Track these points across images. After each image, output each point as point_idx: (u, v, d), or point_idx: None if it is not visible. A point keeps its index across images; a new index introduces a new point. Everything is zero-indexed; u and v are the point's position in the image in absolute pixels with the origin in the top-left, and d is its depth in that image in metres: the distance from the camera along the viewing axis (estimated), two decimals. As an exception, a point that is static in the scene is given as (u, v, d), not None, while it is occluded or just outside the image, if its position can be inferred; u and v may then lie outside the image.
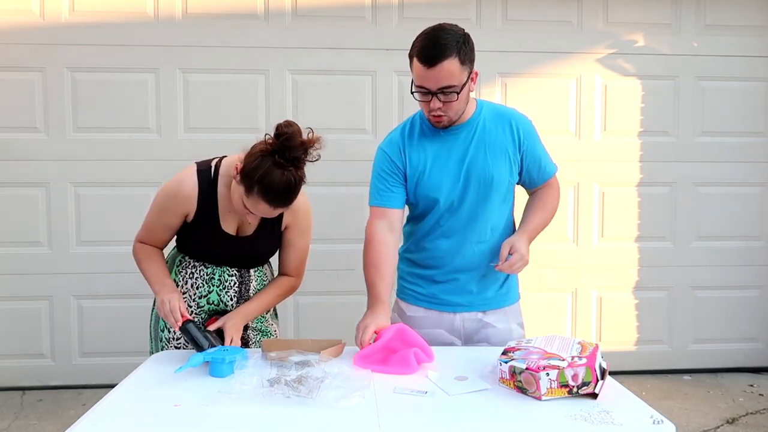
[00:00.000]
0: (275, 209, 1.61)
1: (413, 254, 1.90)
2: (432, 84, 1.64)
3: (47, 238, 3.29)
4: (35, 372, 3.34)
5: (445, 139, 1.79)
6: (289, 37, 3.33)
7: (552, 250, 3.54)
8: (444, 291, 1.84)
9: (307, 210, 1.85)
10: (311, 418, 1.24)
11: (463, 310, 1.84)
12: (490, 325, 1.84)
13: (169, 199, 1.75)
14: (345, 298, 3.41)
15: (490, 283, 1.85)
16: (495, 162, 1.78)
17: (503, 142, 1.79)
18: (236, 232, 1.79)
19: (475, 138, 1.78)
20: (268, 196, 1.57)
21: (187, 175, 1.74)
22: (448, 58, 1.61)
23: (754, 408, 3.20)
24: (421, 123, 1.83)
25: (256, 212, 1.63)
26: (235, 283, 1.83)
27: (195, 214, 1.74)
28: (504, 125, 1.80)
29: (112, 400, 1.35)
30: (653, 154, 3.56)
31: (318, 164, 1.63)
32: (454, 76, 1.63)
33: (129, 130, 3.28)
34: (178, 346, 1.79)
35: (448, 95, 1.65)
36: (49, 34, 3.23)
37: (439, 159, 1.79)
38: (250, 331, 1.86)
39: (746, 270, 3.66)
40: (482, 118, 1.80)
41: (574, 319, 3.60)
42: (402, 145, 1.82)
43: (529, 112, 3.41)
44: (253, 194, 1.57)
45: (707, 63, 3.56)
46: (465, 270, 1.82)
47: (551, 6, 3.48)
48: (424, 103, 1.71)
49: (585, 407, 1.29)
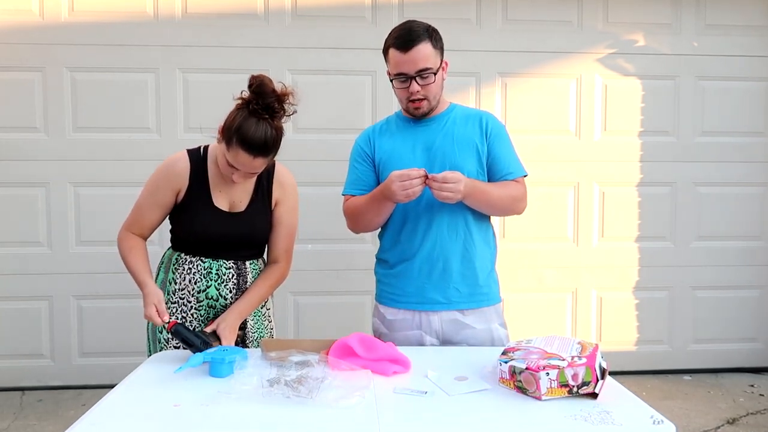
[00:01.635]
0: (255, 158, 1.65)
1: (386, 253, 1.92)
2: (410, 67, 1.73)
3: (47, 238, 3.29)
4: (35, 372, 3.34)
5: (414, 130, 1.86)
6: (289, 37, 3.33)
7: (552, 250, 3.54)
8: (419, 288, 1.84)
9: (294, 185, 1.92)
10: (311, 418, 1.24)
11: (440, 308, 1.83)
12: (469, 326, 1.84)
13: (162, 175, 1.81)
14: (345, 298, 3.42)
15: (467, 278, 1.84)
16: (462, 153, 1.81)
17: (471, 135, 1.84)
18: (229, 210, 1.82)
19: (443, 130, 1.84)
20: (245, 145, 1.63)
21: (179, 155, 1.82)
22: (422, 42, 1.73)
23: (754, 408, 3.20)
24: (396, 119, 1.92)
25: (238, 165, 1.67)
26: (233, 275, 1.84)
27: (186, 191, 1.79)
28: (474, 121, 1.86)
29: (112, 400, 1.35)
30: (653, 154, 3.56)
31: (318, 164, 1.65)
32: (429, 58, 1.73)
33: (129, 130, 3.28)
34: (177, 346, 1.79)
35: (425, 78, 1.74)
36: (49, 33, 3.23)
37: (405, 146, 1.85)
38: (248, 330, 1.87)
39: (746, 270, 3.66)
40: (453, 114, 1.88)
41: (574, 319, 3.59)
42: (373, 135, 1.93)
43: (529, 112, 3.47)
44: (233, 145, 1.64)
45: (707, 63, 3.56)
46: (437, 260, 1.82)
47: (551, 6, 3.48)
48: (402, 91, 1.79)
49: (585, 407, 1.29)
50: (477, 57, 3.45)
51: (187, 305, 1.82)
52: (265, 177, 1.86)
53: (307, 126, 3.34)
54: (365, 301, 3.37)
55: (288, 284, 3.26)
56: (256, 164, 1.68)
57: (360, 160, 1.93)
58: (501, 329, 1.89)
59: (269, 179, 1.86)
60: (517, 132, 3.48)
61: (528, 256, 3.51)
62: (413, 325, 1.85)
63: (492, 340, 1.85)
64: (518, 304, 3.54)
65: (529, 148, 3.48)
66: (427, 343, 1.83)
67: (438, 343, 1.84)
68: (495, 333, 1.86)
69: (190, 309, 1.82)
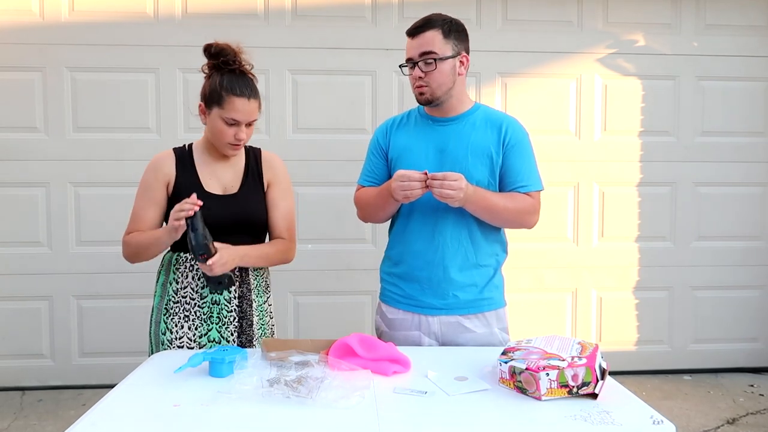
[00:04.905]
0: (250, 101, 1.75)
1: (392, 250, 1.92)
2: (414, 52, 1.75)
3: (47, 238, 3.29)
4: (35, 372, 3.34)
5: (431, 129, 1.84)
6: (289, 37, 3.33)
7: (552, 250, 3.54)
8: (418, 292, 1.83)
9: (283, 167, 1.95)
10: (311, 418, 1.24)
11: (440, 313, 1.82)
12: (469, 330, 1.82)
13: (150, 172, 1.84)
14: (345, 298, 3.42)
15: (466, 288, 1.81)
16: (474, 161, 1.78)
17: (487, 143, 1.79)
18: (222, 194, 1.85)
19: (460, 134, 1.81)
20: (237, 91, 1.73)
21: (162, 152, 1.89)
22: (431, 29, 1.73)
23: (754, 408, 3.20)
24: (417, 114, 1.90)
25: (238, 116, 1.73)
26: (234, 267, 1.83)
27: (175, 181, 1.82)
28: (494, 127, 1.81)
29: (112, 400, 1.35)
30: (653, 154, 3.56)
31: (318, 164, 1.66)
32: (435, 44, 1.73)
33: (129, 130, 3.28)
34: (180, 346, 1.80)
35: (428, 63, 1.73)
36: (49, 34, 3.23)
37: (419, 146, 1.83)
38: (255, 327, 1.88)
39: (746, 270, 3.66)
40: (474, 117, 1.83)
41: (574, 319, 3.60)
42: (390, 128, 1.91)
43: (529, 112, 3.47)
44: (226, 100, 1.72)
45: (707, 63, 3.56)
46: (437, 267, 1.80)
47: (551, 6, 3.48)
48: (410, 78, 1.79)
49: (585, 407, 1.29)
50: (477, 57, 3.41)
51: (190, 303, 1.82)
52: (253, 160, 1.90)
53: (307, 126, 3.34)
54: (365, 301, 3.37)
55: (288, 284, 3.31)
56: (253, 107, 1.76)
57: (375, 152, 1.92)
58: (502, 334, 1.86)
59: (257, 162, 1.90)
60: (517, 132, 3.50)
61: (528, 256, 3.51)
62: (412, 325, 1.85)
63: (492, 344, 1.82)
64: (518, 304, 3.54)
65: (529, 148, 3.49)
66: (426, 344, 1.83)
67: (437, 345, 1.84)
68: (495, 337, 1.84)
69: (193, 307, 1.82)
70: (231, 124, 1.75)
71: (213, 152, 1.86)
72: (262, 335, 1.89)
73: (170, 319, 1.82)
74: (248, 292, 1.86)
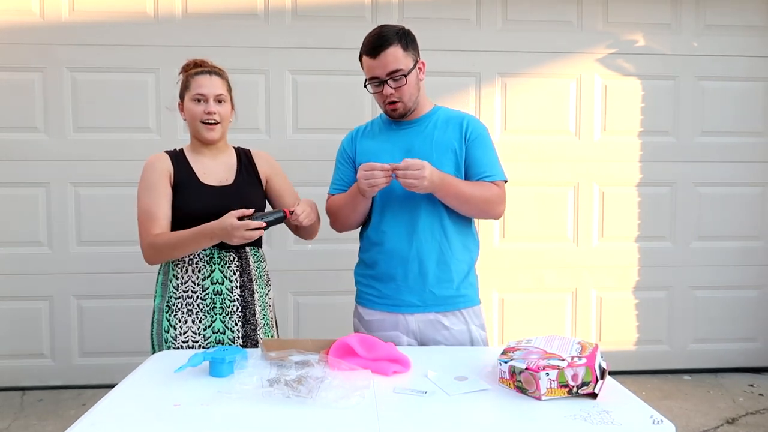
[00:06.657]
0: (212, 76, 1.89)
1: (366, 253, 1.94)
2: (381, 71, 1.78)
3: (47, 238, 3.29)
4: (35, 372, 3.34)
5: (395, 133, 1.89)
6: (289, 37, 3.34)
7: (552, 250, 3.54)
8: (395, 290, 1.85)
9: (275, 161, 2.06)
10: (311, 418, 1.24)
11: (417, 310, 1.84)
12: (447, 327, 1.84)
13: (149, 171, 1.86)
14: (345, 298, 3.39)
15: (442, 282, 1.84)
16: (439, 156, 1.81)
17: (450, 139, 1.84)
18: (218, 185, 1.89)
19: (423, 134, 1.85)
20: (199, 67, 1.91)
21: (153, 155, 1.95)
22: (390, 45, 1.76)
23: (754, 408, 3.20)
24: (380, 121, 1.95)
25: (201, 89, 1.86)
26: (233, 258, 1.85)
27: (175, 173, 1.86)
28: (455, 124, 1.86)
29: (112, 400, 1.35)
30: (653, 154, 3.56)
31: (317, 164, 1.66)
32: (399, 60, 1.77)
33: (129, 130, 3.28)
34: (185, 341, 1.81)
35: (397, 80, 1.78)
36: (49, 34, 3.23)
37: (385, 149, 1.87)
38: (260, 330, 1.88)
39: (746, 270, 3.67)
40: (436, 117, 1.89)
41: (574, 319, 3.60)
42: (355, 136, 1.98)
43: (529, 112, 3.47)
44: (190, 83, 1.88)
45: (707, 63, 3.57)
46: (413, 262, 1.82)
47: (551, 6, 3.48)
48: (378, 95, 1.83)
49: (585, 407, 1.29)
50: (477, 57, 3.45)
51: (192, 296, 1.82)
52: (244, 157, 1.97)
53: (307, 126, 3.34)
54: (365, 301, 3.37)
55: (288, 284, 3.32)
56: (215, 82, 1.88)
57: (342, 161, 1.98)
58: (479, 331, 1.88)
59: (249, 159, 1.97)
60: (517, 132, 3.51)
61: (528, 256, 3.51)
62: (390, 325, 1.86)
63: (471, 342, 1.85)
64: (518, 304, 3.55)
65: (529, 148, 3.49)
66: (405, 344, 1.84)
67: (416, 344, 1.85)
68: (473, 335, 1.86)
69: (196, 300, 1.82)
70: (199, 101, 1.85)
71: (202, 150, 1.91)
72: (265, 325, 1.90)
73: (173, 315, 1.82)
74: (249, 282, 1.88)
